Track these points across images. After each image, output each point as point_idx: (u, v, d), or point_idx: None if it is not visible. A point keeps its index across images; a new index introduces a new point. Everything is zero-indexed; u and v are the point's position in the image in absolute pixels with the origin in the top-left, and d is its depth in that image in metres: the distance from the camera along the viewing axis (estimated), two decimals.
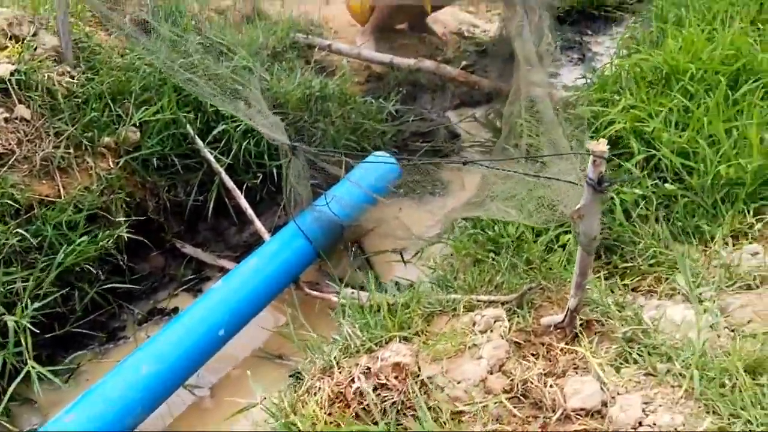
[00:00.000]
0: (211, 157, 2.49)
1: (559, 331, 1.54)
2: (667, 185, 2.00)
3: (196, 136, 2.52)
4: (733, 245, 1.82)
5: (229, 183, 2.46)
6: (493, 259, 1.84)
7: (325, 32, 3.67)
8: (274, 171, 2.52)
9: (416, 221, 2.66)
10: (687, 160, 2.06)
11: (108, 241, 2.14)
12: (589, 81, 3.06)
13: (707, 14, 3.17)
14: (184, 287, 2.41)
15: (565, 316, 1.51)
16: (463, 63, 3.61)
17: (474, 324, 1.60)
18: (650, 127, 2.21)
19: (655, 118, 2.29)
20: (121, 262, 2.23)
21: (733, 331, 1.48)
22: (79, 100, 2.34)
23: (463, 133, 3.29)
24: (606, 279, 1.78)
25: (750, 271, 1.63)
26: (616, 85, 2.66)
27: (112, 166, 2.30)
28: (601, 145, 1.34)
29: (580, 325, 1.51)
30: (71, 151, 2.23)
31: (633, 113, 2.28)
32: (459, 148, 3.17)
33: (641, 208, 1.95)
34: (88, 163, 2.25)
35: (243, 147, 2.51)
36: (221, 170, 2.48)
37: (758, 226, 1.84)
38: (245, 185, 2.54)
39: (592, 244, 1.43)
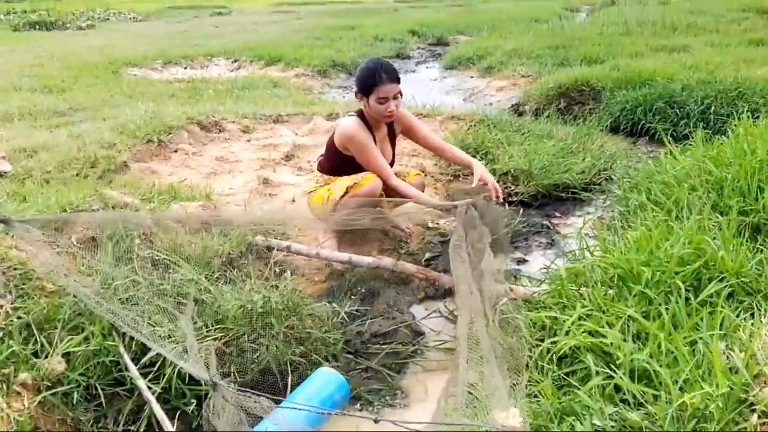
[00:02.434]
0: (143, 385, 2.31)
1: None
2: (630, 415, 1.77)
3: (130, 362, 2.36)
4: None
5: (159, 413, 2.25)
6: None
7: (288, 230, 3.65)
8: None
9: None
10: (649, 382, 1.85)
11: None
12: (552, 272, 2.94)
13: (667, 201, 3.13)
14: None
15: None
16: (427, 255, 3.53)
17: None
18: (608, 341, 2.03)
19: (614, 327, 2.12)
20: None
21: None
22: (2, 333, 2.22)
23: (427, 330, 3.12)
24: None
25: None
26: (575, 284, 2.53)
27: (26, 405, 2.11)
28: (513, 418, 1.15)
29: None
30: None
31: (587, 324, 2.11)
32: (422, 349, 2.97)
33: None
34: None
35: (177, 370, 2.33)
36: (152, 398, 2.28)
37: None
38: (179, 411, 2.33)
39: None
